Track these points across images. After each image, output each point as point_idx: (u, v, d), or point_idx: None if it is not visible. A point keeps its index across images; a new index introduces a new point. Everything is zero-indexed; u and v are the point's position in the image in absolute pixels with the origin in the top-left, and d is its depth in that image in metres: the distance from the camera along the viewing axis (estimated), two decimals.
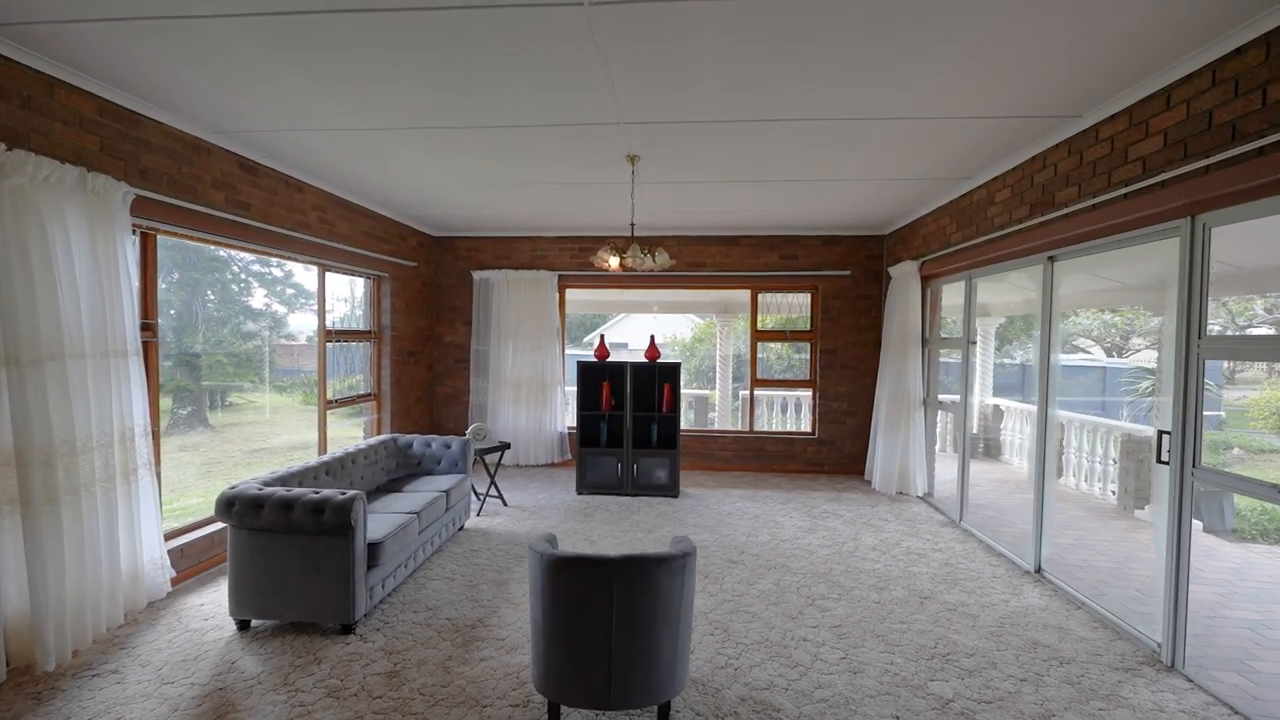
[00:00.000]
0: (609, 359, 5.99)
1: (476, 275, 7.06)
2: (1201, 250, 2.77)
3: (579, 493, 5.89)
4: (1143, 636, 3.09)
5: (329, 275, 5.26)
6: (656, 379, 6.06)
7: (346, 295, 8.71)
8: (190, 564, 3.73)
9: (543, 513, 5.27)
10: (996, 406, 8.46)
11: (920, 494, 5.89)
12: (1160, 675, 2.80)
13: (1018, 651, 3.01)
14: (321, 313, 5.20)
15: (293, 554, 3.02)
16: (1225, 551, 4.93)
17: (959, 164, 4.29)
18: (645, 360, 5.95)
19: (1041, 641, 3.12)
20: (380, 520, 3.50)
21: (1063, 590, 3.72)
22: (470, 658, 2.90)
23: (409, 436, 4.87)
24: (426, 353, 7.09)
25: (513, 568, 4.02)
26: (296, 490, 3.08)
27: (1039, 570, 4.00)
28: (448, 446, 4.81)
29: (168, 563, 3.42)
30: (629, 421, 5.84)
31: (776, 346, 16.78)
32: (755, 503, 5.68)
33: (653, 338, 6.09)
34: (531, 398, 6.94)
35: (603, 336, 6.11)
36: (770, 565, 4.12)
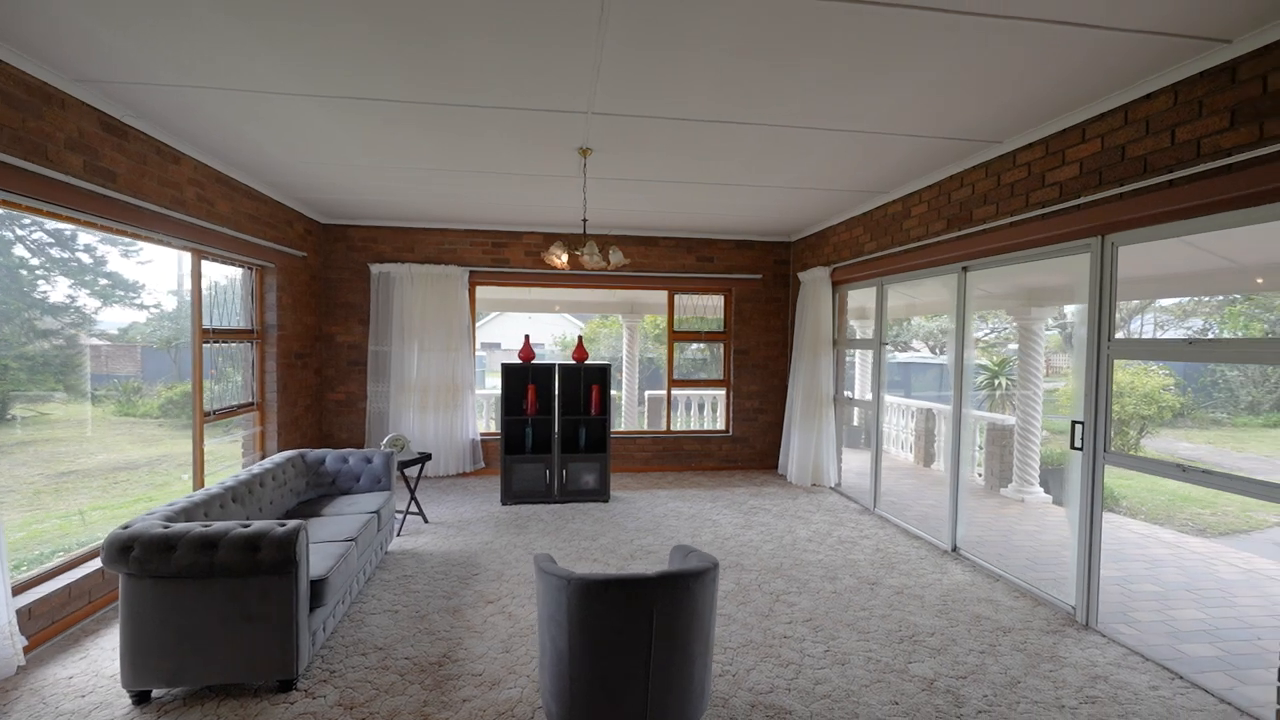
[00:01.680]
0: (534, 360, 5.70)
1: (375, 268, 6.37)
2: (1110, 265, 3.22)
3: (504, 503, 5.54)
4: (1057, 601, 3.54)
5: (183, 264, 4.43)
6: (583, 381, 5.89)
7: (175, 286, 7.52)
8: (41, 626, 2.93)
9: (471, 528, 4.88)
10: (851, 399, 9.32)
11: (832, 485, 6.31)
12: (1082, 634, 3.22)
13: (967, 626, 3.31)
14: (198, 308, 4.37)
15: (215, 602, 2.48)
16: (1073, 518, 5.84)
17: (884, 178, 4.62)
18: (573, 362, 5.75)
19: (982, 615, 3.45)
20: (316, 552, 3.00)
21: (980, 565, 4.16)
22: (450, 700, 2.57)
23: (319, 452, 4.25)
24: (315, 355, 6.26)
25: (460, 591, 3.65)
26: (219, 525, 2.54)
27: (955, 549, 4.44)
28: (368, 461, 4.27)
29: (16, 629, 2.65)
30: (558, 425, 5.60)
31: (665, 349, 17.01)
32: (685, 502, 5.72)
33: (580, 338, 5.89)
34: (441, 403, 6.41)
35: (527, 337, 5.79)
36: (724, 565, 4.15)
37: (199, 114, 3.44)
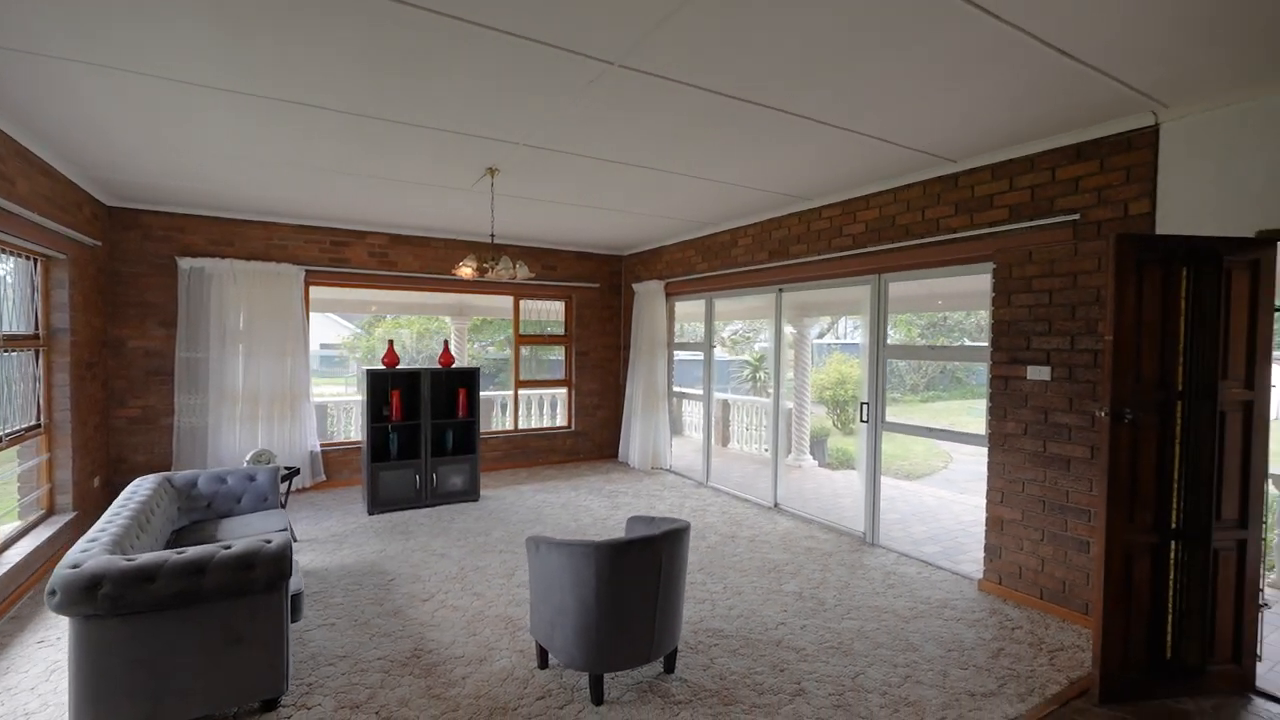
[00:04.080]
0: (399, 366, 5.63)
1: (185, 263, 5.52)
2: (883, 295, 4.70)
3: (372, 512, 5.38)
4: (852, 531, 5.00)
5: None
6: (447, 385, 5.98)
7: None
8: None
9: (350, 540, 4.72)
10: (680, 393, 10.80)
11: (667, 467, 7.38)
12: (872, 549, 4.67)
13: (805, 555, 4.52)
14: None
15: (197, 630, 2.36)
16: (833, 476, 7.82)
17: (721, 215, 5.75)
18: (440, 366, 5.81)
19: (811, 546, 4.71)
20: None
21: (796, 515, 5.53)
22: (450, 679, 2.82)
23: (188, 474, 3.79)
24: (102, 364, 5.20)
25: (386, 596, 3.71)
26: (196, 550, 2.40)
27: (777, 505, 5.78)
28: (251, 479, 3.94)
29: None
30: (428, 429, 5.63)
31: (489, 351, 16.98)
32: (551, 493, 6.21)
33: (447, 343, 5.96)
34: (275, 414, 5.84)
35: (390, 343, 5.66)
36: None
37: (41, 83, 2.92)
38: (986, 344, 4.01)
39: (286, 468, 4.65)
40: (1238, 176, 2.86)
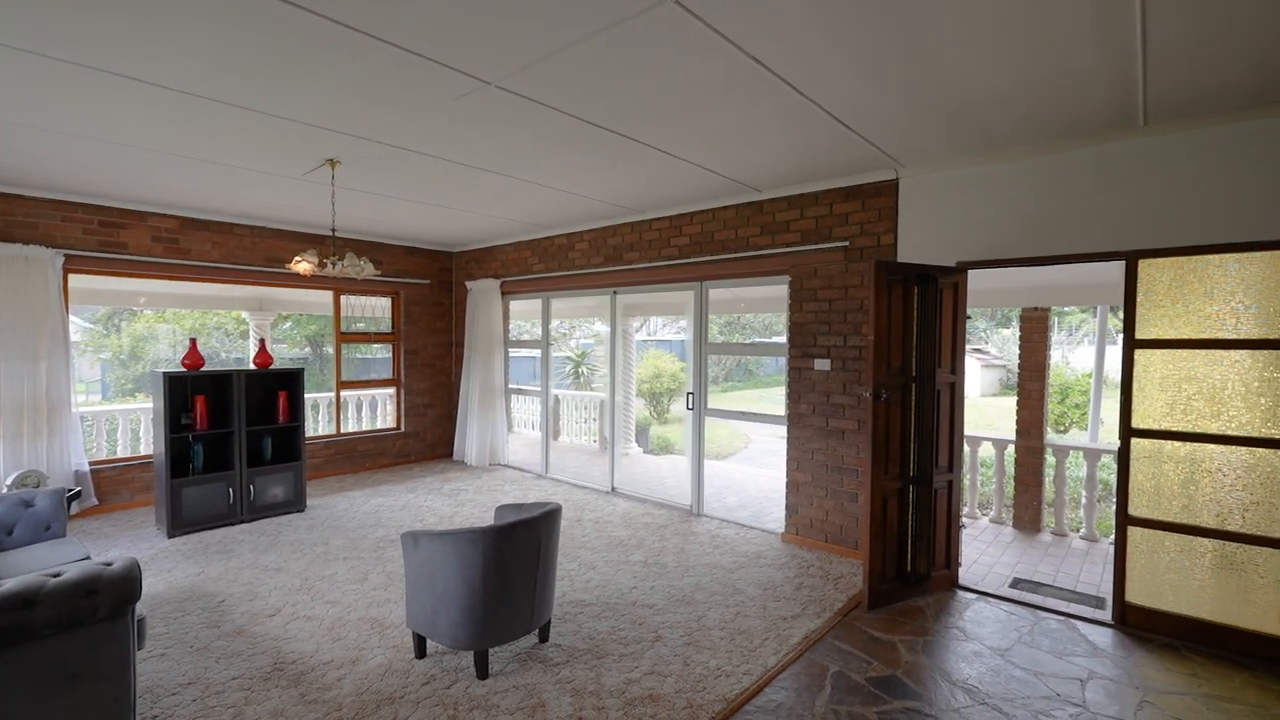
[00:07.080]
0: (205, 368, 5.00)
1: None
2: (704, 300, 5.46)
3: (173, 535, 4.74)
4: (680, 505, 5.71)
5: None
6: (263, 388, 5.45)
7: None
8: None
9: (152, 566, 4.15)
10: (515, 389, 10.87)
11: (505, 462, 7.50)
12: (699, 518, 5.41)
13: (644, 529, 5.09)
14: None
15: (24, 672, 2.08)
16: (658, 461, 8.63)
17: (560, 220, 6.08)
18: (255, 367, 5.28)
19: (648, 522, 5.31)
20: None
21: (632, 496, 6.11)
22: (325, 683, 2.79)
23: None
24: None
25: (222, 620, 3.42)
26: (18, 581, 2.10)
27: (614, 489, 6.31)
28: (28, 505, 3.30)
29: None
30: (243, 438, 5.10)
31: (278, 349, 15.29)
32: (386, 497, 6.01)
33: (263, 342, 5.41)
34: (26, 429, 4.79)
35: (193, 341, 4.97)
36: None
37: None
38: (785, 340, 4.93)
39: (69, 490, 3.91)
40: (946, 222, 4.00)
